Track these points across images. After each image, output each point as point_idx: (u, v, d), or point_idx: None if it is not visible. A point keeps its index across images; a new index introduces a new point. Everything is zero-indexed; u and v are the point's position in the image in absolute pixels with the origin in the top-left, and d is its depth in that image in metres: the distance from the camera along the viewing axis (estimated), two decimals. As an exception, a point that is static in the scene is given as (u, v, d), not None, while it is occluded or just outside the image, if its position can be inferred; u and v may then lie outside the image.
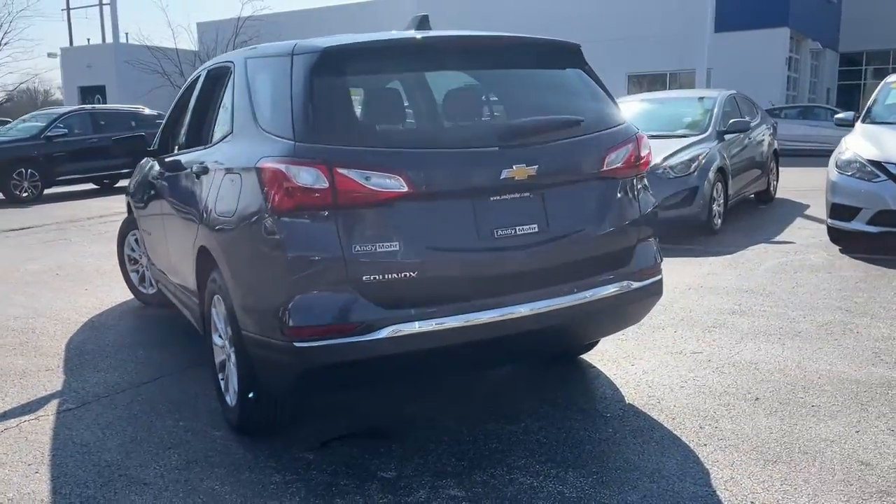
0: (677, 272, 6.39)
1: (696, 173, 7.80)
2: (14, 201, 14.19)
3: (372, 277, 2.83)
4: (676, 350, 4.43)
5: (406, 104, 3.30)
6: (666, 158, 7.88)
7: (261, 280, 2.96)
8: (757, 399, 3.68)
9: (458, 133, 3.21)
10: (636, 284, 3.37)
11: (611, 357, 4.34)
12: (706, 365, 4.16)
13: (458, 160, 2.98)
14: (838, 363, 4.11)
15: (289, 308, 2.82)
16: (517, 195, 3.07)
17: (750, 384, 3.86)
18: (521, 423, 3.50)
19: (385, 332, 2.83)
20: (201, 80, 4.38)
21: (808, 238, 7.76)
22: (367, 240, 2.81)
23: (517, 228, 3.05)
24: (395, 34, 3.26)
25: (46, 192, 14.89)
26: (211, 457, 3.29)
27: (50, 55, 47.46)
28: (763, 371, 4.04)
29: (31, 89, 59.23)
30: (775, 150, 10.66)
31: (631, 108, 9.71)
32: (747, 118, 9.45)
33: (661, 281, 3.57)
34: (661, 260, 3.60)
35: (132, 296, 6.12)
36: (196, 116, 4.27)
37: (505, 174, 2.99)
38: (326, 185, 2.77)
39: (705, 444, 3.22)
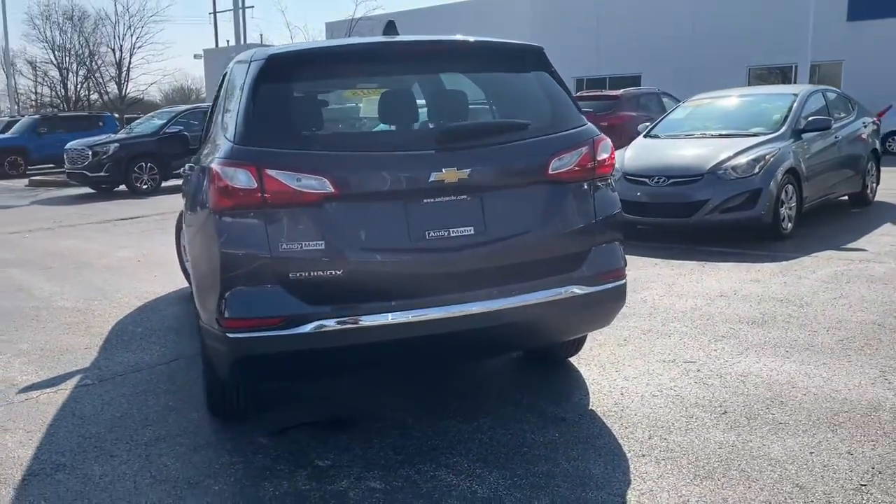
0: (719, 277, 6.15)
1: (760, 174, 7.43)
2: (135, 193, 15.40)
3: (298, 275, 2.98)
4: (670, 358, 4.31)
5: (347, 108, 3.42)
6: (729, 158, 7.56)
7: (206, 273, 3.19)
8: (724, 413, 3.55)
9: (393, 136, 3.30)
10: (587, 289, 3.34)
11: (600, 361, 4.30)
12: (692, 375, 4.03)
13: (386, 163, 3.08)
14: (836, 380, 3.88)
15: (224, 300, 3.02)
16: (452, 198, 3.13)
17: (726, 397, 3.72)
18: (476, 422, 3.55)
19: (309, 328, 2.97)
20: (222, 81, 4.69)
21: (884, 247, 7.22)
22: (293, 238, 2.97)
23: (451, 230, 3.11)
24: (349, 40, 3.39)
25: (164, 184, 16.05)
26: (179, 436, 3.56)
27: (196, 56, 51.02)
28: (749, 385, 3.87)
29: (185, 88, 63.91)
30: (874, 149, 9.91)
31: (706, 106, 9.35)
32: (833, 116, 8.86)
33: (622, 286, 3.51)
34: (624, 265, 3.54)
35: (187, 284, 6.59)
36: (209, 116, 4.58)
37: (433, 177, 3.06)
38: (255, 185, 2.95)
39: (644, 455, 3.16)
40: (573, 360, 4.33)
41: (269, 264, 2.97)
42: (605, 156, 3.46)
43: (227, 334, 3.01)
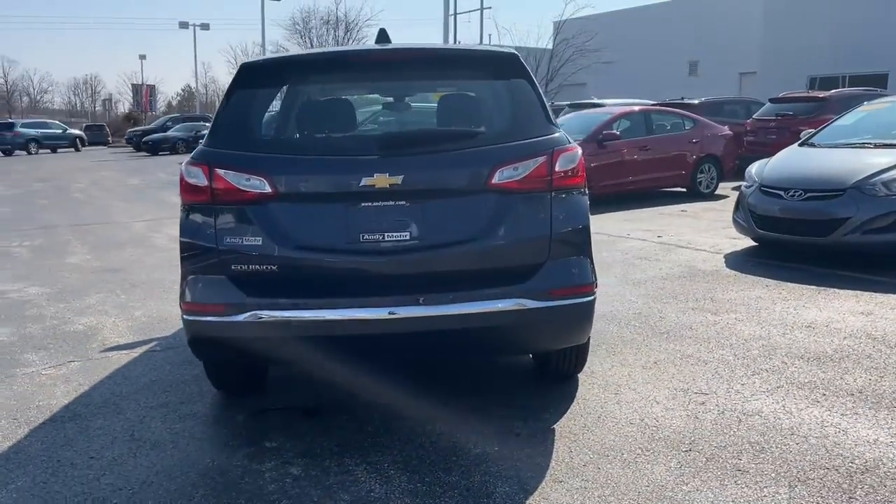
0: (825, 306, 5.50)
1: (917, 192, 6.46)
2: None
3: (239, 267, 3.24)
4: (684, 388, 4.00)
5: (308, 114, 3.58)
6: (880, 172, 6.65)
7: (179, 261, 3.56)
8: (688, 451, 3.27)
9: (337, 141, 3.42)
10: (537, 303, 3.25)
11: (609, 382, 4.10)
12: (690, 408, 3.72)
13: (321, 166, 3.23)
14: (851, 433, 3.39)
15: (183, 286, 3.36)
16: (391, 203, 3.21)
17: (705, 435, 3.41)
18: (432, 426, 3.58)
19: (243, 317, 3.22)
20: None
21: None
22: (236, 233, 3.23)
23: (386, 235, 3.20)
24: (319, 50, 3.55)
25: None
26: (182, 403, 3.99)
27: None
28: (743, 426, 3.50)
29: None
30: None
31: (881, 111, 8.25)
32: None
33: (586, 304, 3.36)
34: (591, 281, 3.39)
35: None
36: None
37: (364, 182, 3.16)
38: (206, 183, 3.25)
39: (561, 482, 3.03)
40: (583, 377, 4.17)
41: (216, 256, 3.26)
42: (566, 167, 3.32)
43: (184, 316, 3.35)
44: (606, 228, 9.55)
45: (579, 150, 3.41)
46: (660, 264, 7.26)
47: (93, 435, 3.59)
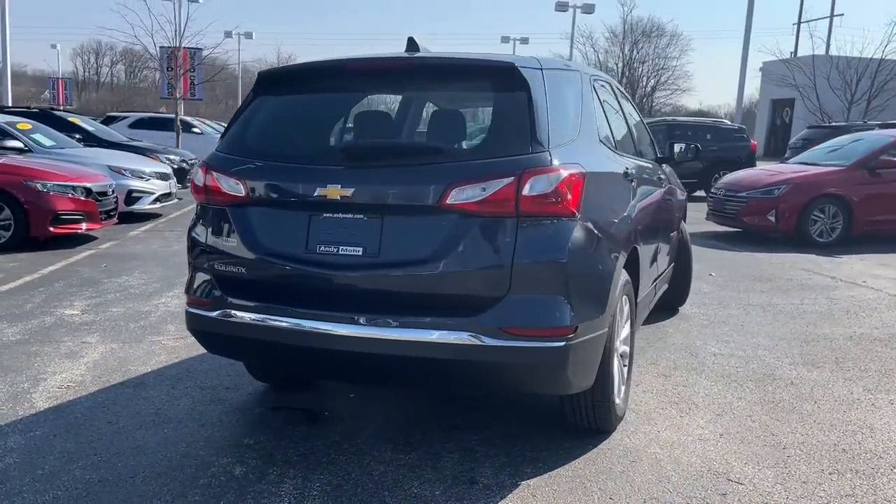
0: None
1: None
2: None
3: (221, 266, 3.37)
4: (703, 464, 3.28)
5: (289, 121, 3.50)
6: None
7: None
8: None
9: (305, 150, 3.31)
10: (487, 341, 2.91)
11: (629, 428, 3.51)
12: (700, 484, 3.04)
13: (286, 174, 3.20)
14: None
15: (189, 279, 3.58)
16: (348, 216, 3.10)
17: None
18: (408, 455, 3.38)
19: (216, 314, 3.35)
20: None
21: None
22: (219, 234, 3.36)
23: (340, 248, 3.09)
24: (327, 59, 3.49)
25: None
26: (205, 382, 4.28)
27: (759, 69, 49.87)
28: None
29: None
30: None
31: None
32: None
33: (553, 350, 2.93)
34: (565, 325, 2.94)
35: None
36: None
37: (318, 192, 3.08)
38: (202, 183, 3.43)
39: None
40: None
41: (206, 253, 3.41)
42: (538, 192, 2.91)
43: (186, 307, 3.56)
44: (841, 272, 8.15)
45: (564, 174, 2.96)
46: (867, 321, 5.99)
47: (115, 400, 3.98)
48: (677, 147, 5.60)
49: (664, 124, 17.20)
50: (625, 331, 3.80)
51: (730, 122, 17.79)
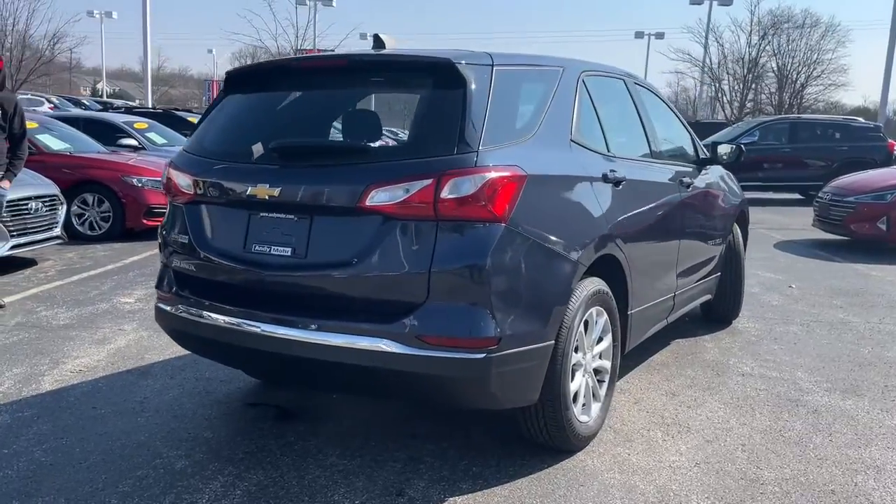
0: None
1: None
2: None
3: (177, 263, 3.45)
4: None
5: (238, 120, 3.47)
6: None
7: None
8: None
9: (245, 148, 3.27)
10: (400, 348, 2.81)
11: (615, 458, 3.27)
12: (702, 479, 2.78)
13: (226, 173, 3.21)
14: None
15: (158, 275, 3.69)
16: (281, 215, 3.08)
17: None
18: (364, 453, 3.33)
19: (173, 309, 3.43)
20: None
21: None
22: (178, 231, 3.43)
23: (272, 248, 3.08)
24: (280, 58, 3.45)
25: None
26: (204, 374, 4.38)
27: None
28: None
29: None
30: None
31: None
32: None
33: (474, 362, 2.78)
34: (488, 336, 2.78)
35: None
36: None
37: (249, 191, 3.08)
38: (164, 181, 3.51)
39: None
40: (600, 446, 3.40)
41: (168, 249, 3.50)
42: (458, 194, 2.76)
43: (155, 302, 3.67)
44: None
45: (491, 176, 2.79)
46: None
47: (115, 384, 4.16)
48: (723, 148, 5.18)
49: (787, 122, 16.07)
50: (601, 344, 3.55)
51: (863, 121, 16.33)
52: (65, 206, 7.94)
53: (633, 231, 3.75)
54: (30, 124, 10.77)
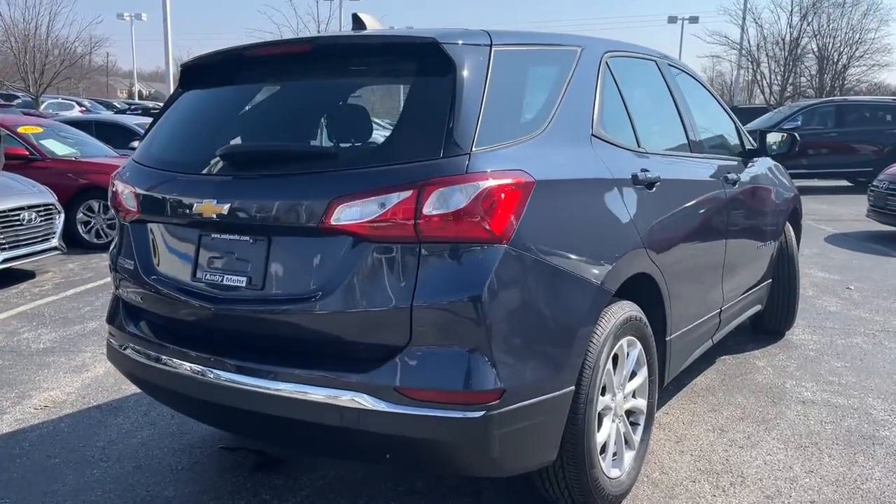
0: None
1: None
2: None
3: (122, 290, 2.91)
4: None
5: (186, 121, 2.90)
6: None
7: None
8: None
9: (193, 156, 2.69)
10: (377, 404, 2.22)
11: None
12: None
13: (171, 186, 2.66)
14: None
15: (109, 305, 3.16)
16: (235, 237, 2.52)
17: None
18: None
19: (116, 344, 2.91)
20: None
21: None
22: (121, 253, 2.90)
23: (225, 276, 2.52)
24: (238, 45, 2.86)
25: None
26: None
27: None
28: None
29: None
30: None
31: None
32: None
33: (469, 422, 2.19)
34: (488, 388, 2.19)
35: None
36: None
37: (195, 208, 2.52)
38: (111, 195, 2.98)
39: None
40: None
41: (117, 275, 2.97)
42: (445, 209, 2.16)
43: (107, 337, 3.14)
44: None
45: (488, 185, 2.19)
46: None
47: (82, 421, 3.65)
48: (772, 137, 4.51)
49: (833, 105, 15.13)
50: (634, 381, 2.93)
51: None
52: (62, 216, 7.49)
53: (670, 241, 3.12)
54: (33, 129, 10.50)
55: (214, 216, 2.47)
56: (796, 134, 4.62)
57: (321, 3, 21.24)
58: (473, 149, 2.25)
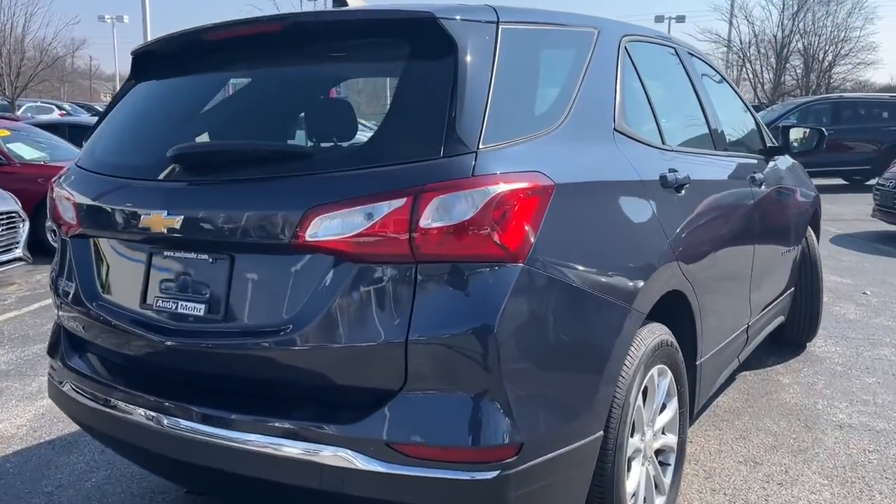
0: None
1: None
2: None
3: (63, 317, 2.48)
4: None
5: (139, 116, 2.46)
6: None
7: None
8: None
9: (150, 158, 2.25)
10: (367, 463, 1.80)
11: None
12: None
13: (117, 194, 2.23)
14: None
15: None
16: (191, 255, 2.08)
17: None
18: None
19: (55, 378, 2.48)
20: None
21: None
22: (62, 274, 2.46)
23: (179, 303, 2.08)
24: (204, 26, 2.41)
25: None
26: None
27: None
28: None
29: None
30: None
31: None
32: None
33: (484, 486, 1.76)
34: (499, 443, 1.77)
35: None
36: None
37: (142, 221, 2.09)
38: (50, 204, 2.54)
39: None
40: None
41: (57, 299, 2.53)
42: (447, 220, 1.74)
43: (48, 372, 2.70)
44: None
45: (500, 190, 1.77)
46: None
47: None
48: (795, 133, 4.12)
49: (829, 102, 14.83)
50: (664, 415, 2.53)
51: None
52: (27, 224, 7.01)
53: (701, 252, 2.72)
54: (0, 132, 9.99)
55: (164, 230, 2.03)
56: (823, 129, 4.23)
57: (305, 1, 20.60)
58: (480, 146, 1.83)
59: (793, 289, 4.34)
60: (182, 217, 2.00)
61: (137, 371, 2.20)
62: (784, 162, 4.24)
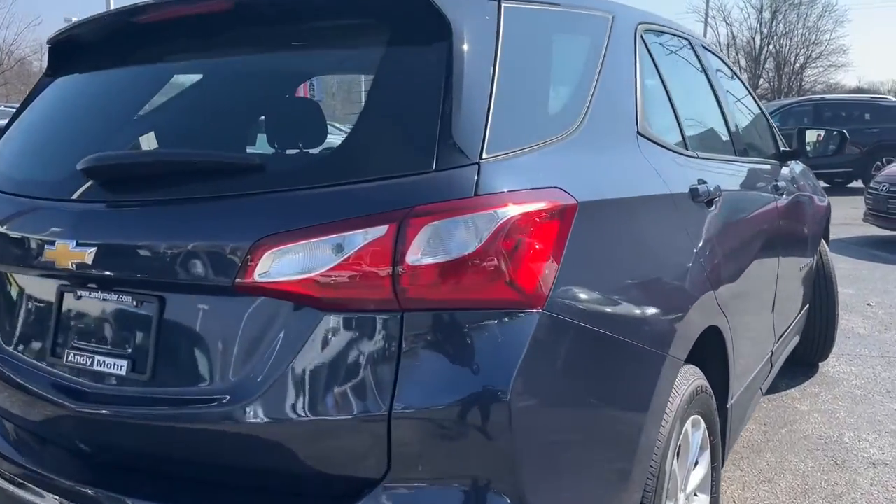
0: None
1: None
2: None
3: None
4: None
5: (73, 119, 2.00)
6: None
7: None
8: None
9: (61, 172, 1.79)
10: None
11: None
12: None
13: (21, 218, 1.77)
14: None
15: None
16: (111, 296, 1.62)
17: None
18: None
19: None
20: None
21: None
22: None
23: (95, 358, 1.62)
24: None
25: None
26: None
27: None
28: None
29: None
30: None
31: None
32: None
33: None
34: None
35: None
36: None
37: (46, 254, 1.63)
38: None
39: None
40: None
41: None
42: (441, 256, 1.31)
43: None
44: None
45: (511, 214, 1.35)
46: None
47: None
48: (811, 135, 3.74)
49: (810, 104, 14.62)
50: (697, 471, 2.11)
51: (894, 99, 14.92)
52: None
53: (733, 277, 2.32)
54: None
55: (72, 266, 1.57)
56: (844, 131, 3.87)
57: None
58: (483, 156, 1.40)
59: (808, 305, 3.97)
60: (95, 249, 1.54)
61: (47, 446, 1.73)
62: (797, 167, 3.87)
